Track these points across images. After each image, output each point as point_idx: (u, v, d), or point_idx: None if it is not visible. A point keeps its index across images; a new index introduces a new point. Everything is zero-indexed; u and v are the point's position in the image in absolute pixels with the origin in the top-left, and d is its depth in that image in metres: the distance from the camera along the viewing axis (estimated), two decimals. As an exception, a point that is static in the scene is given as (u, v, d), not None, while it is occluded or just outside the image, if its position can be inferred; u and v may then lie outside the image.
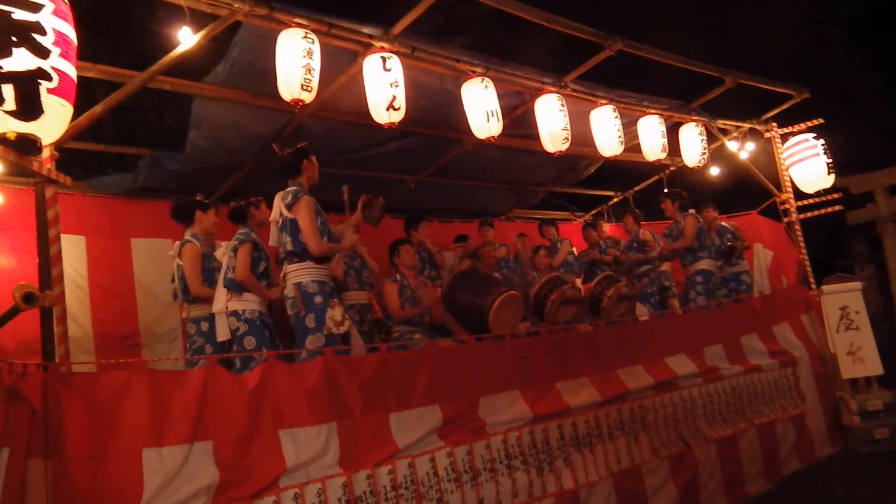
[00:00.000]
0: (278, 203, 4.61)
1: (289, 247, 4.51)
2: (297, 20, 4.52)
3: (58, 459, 2.94)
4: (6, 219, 5.50)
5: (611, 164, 8.41)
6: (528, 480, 4.33)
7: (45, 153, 3.46)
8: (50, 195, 3.51)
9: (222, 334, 4.83)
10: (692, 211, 7.98)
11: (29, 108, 2.95)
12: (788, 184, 8.31)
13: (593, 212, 10.42)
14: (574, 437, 4.70)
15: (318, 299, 4.48)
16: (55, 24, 3.07)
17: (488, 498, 4.11)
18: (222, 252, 5.08)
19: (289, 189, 4.61)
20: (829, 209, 8.29)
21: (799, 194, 8.34)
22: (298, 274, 4.51)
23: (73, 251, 5.63)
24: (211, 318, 5.01)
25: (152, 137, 9.28)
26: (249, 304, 4.84)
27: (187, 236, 5.21)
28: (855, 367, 6.83)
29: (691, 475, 5.24)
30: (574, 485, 4.53)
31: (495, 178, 8.47)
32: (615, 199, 10.26)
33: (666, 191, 8.50)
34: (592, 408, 4.90)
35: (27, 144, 3.03)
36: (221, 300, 4.86)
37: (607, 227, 9.49)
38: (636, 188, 10.03)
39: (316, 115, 5.83)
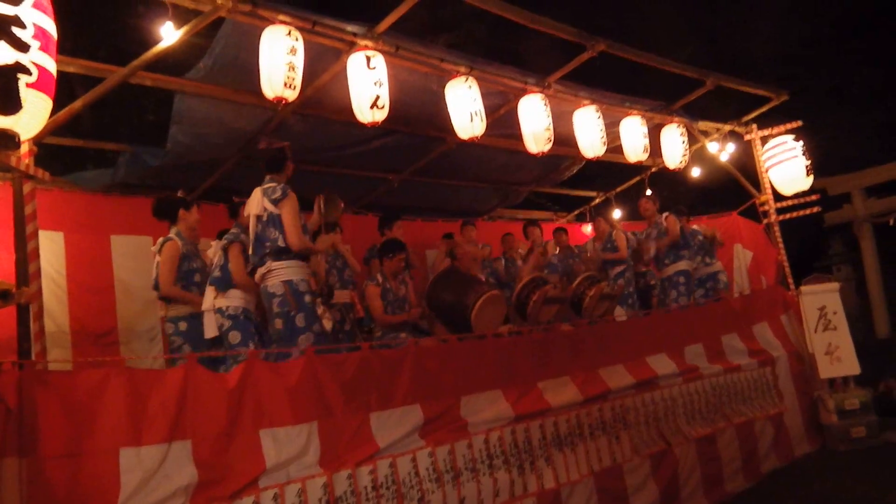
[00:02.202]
0: (260, 197, 4.59)
1: (280, 243, 4.50)
2: (281, 17, 4.48)
3: (33, 459, 2.90)
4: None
5: (593, 165, 8.43)
6: (510, 480, 4.34)
7: (24, 148, 3.41)
8: (28, 191, 3.45)
9: (210, 331, 4.81)
10: (666, 213, 8.05)
11: (7, 102, 2.89)
12: (768, 185, 8.37)
13: (576, 212, 10.46)
14: (556, 436, 4.72)
15: (307, 298, 4.51)
16: (35, 17, 3.01)
17: (470, 497, 4.11)
18: (214, 251, 5.06)
19: (271, 184, 4.61)
20: (808, 210, 8.37)
21: (778, 195, 8.40)
22: (288, 272, 4.50)
23: (50, 248, 5.56)
24: (189, 318, 4.99)
25: (132, 132, 9.15)
26: (234, 300, 4.83)
27: (171, 234, 5.16)
28: (833, 367, 6.91)
29: (672, 474, 5.28)
30: (555, 484, 4.54)
31: (478, 178, 8.47)
32: (597, 200, 10.28)
33: (648, 192, 8.55)
34: (574, 407, 4.92)
35: (5, 139, 2.98)
36: (209, 298, 4.85)
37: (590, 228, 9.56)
38: (618, 189, 10.08)
39: (299, 112, 5.80)
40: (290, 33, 4.49)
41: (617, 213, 9.80)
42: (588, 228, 9.65)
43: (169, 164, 5.83)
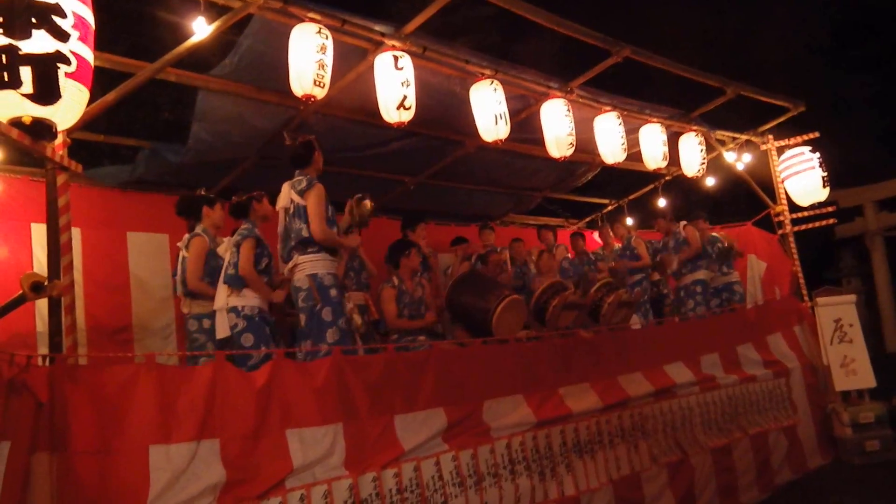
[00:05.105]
0: (287, 190, 4.62)
1: (304, 233, 4.49)
2: (311, 15, 4.45)
3: (64, 455, 2.85)
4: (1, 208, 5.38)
5: (606, 172, 8.43)
6: (531, 486, 4.30)
7: (58, 139, 3.37)
8: (61, 182, 3.41)
9: (221, 331, 4.71)
10: (684, 222, 8.02)
11: (46, 91, 2.86)
12: (783, 196, 8.36)
13: (587, 219, 10.42)
14: (576, 442, 4.69)
15: (333, 292, 4.47)
16: (75, 6, 2.99)
17: (491, 503, 4.07)
18: (224, 248, 5.00)
19: (299, 177, 4.63)
20: (823, 222, 8.35)
21: (793, 206, 8.39)
22: (313, 265, 4.48)
23: (68, 243, 5.52)
24: (213, 316, 4.91)
25: (148, 130, 9.12)
26: (249, 300, 4.73)
27: (198, 230, 5.12)
28: (848, 380, 6.89)
29: (688, 484, 5.25)
30: (575, 491, 4.51)
31: (494, 182, 8.45)
32: (609, 207, 10.25)
33: (662, 203, 8.52)
34: (594, 414, 4.89)
35: (42, 129, 2.95)
36: (222, 297, 4.75)
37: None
38: (631, 196, 10.03)
39: (320, 111, 5.76)
40: (319, 31, 4.47)
41: (629, 221, 9.75)
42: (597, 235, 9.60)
43: (189, 161, 5.80)
